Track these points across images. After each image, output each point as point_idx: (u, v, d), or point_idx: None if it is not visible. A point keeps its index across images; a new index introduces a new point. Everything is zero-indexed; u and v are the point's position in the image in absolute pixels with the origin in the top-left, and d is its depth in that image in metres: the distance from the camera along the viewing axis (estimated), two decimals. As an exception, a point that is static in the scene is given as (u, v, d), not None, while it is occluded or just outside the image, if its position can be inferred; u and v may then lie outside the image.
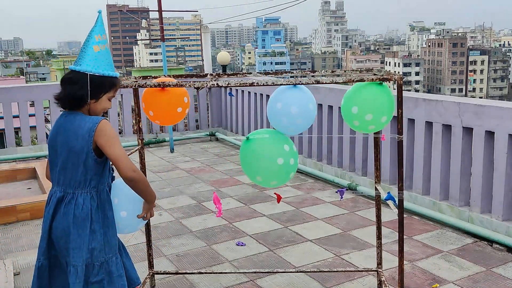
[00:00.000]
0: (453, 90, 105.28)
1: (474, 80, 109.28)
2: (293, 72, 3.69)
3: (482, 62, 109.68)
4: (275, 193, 3.31)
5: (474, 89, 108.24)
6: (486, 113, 4.63)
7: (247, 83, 3.06)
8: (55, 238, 2.48)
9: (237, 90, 8.85)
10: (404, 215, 3.24)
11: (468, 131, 4.85)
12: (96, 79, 2.40)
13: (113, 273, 2.50)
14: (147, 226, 3.78)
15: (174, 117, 3.33)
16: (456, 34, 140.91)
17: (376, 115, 3.04)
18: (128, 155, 3.51)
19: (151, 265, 3.82)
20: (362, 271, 3.96)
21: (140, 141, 3.64)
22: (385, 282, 3.51)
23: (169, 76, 3.47)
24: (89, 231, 2.43)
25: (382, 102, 3.02)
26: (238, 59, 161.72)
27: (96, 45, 2.43)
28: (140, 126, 3.59)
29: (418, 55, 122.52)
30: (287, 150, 3.04)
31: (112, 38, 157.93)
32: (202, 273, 4.02)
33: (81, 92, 2.38)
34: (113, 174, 2.60)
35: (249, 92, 8.50)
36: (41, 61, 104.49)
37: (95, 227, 2.45)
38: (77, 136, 2.37)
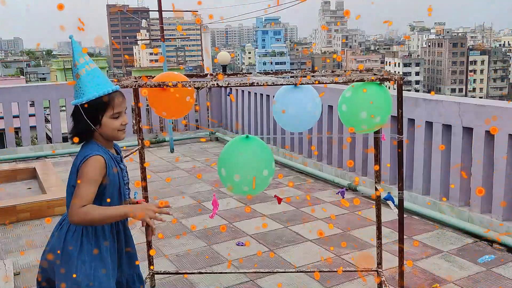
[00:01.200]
0: (453, 90, 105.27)
1: (474, 80, 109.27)
2: (293, 72, 3.68)
3: (482, 62, 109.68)
4: (275, 196, 3.29)
5: (474, 89, 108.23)
6: (486, 113, 4.63)
7: (247, 83, 3.06)
8: (47, 260, 2.37)
9: (237, 90, 8.86)
10: (404, 215, 3.23)
11: (468, 131, 4.85)
12: (89, 106, 2.30)
13: None
14: (147, 226, 3.78)
15: (185, 107, 3.31)
16: (456, 34, 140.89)
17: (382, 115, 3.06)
18: (128, 155, 3.52)
19: (151, 265, 3.82)
20: (362, 271, 3.96)
21: (140, 141, 3.63)
22: (385, 282, 3.51)
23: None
24: (77, 260, 2.29)
25: (383, 102, 3.03)
26: (238, 59, 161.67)
27: (76, 73, 2.33)
28: (140, 126, 3.59)
29: (418, 55, 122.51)
30: (265, 174, 3.02)
31: (112, 38, 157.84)
32: (202, 273, 4.02)
33: (80, 126, 2.32)
34: (127, 193, 2.50)
35: (249, 92, 8.50)
36: (41, 61, 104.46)
37: (85, 258, 2.30)
38: (73, 165, 2.33)
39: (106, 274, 2.34)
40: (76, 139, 2.35)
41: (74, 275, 2.27)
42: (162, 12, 8.62)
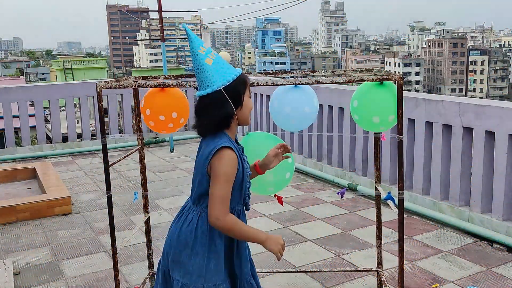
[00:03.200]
0: (453, 90, 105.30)
1: (474, 80, 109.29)
2: (293, 72, 3.68)
3: (482, 62, 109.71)
4: (275, 195, 3.28)
5: (474, 89, 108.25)
6: (486, 113, 4.63)
7: (247, 83, 3.05)
8: (167, 244, 2.40)
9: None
10: (404, 215, 3.23)
11: (468, 131, 4.85)
12: (230, 88, 2.27)
13: None
14: (147, 226, 3.78)
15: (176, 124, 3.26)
16: (456, 34, 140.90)
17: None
18: (128, 155, 3.52)
19: (151, 265, 3.82)
20: (362, 271, 3.96)
21: (140, 141, 3.63)
22: (385, 282, 3.50)
23: (169, 76, 3.46)
24: (191, 251, 2.30)
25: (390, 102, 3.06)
26: (238, 59, 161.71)
27: (206, 58, 2.32)
28: (140, 126, 3.59)
29: (418, 55, 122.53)
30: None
31: (112, 38, 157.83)
32: (202, 273, 4.01)
33: (223, 110, 2.26)
34: (247, 201, 2.45)
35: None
36: (41, 61, 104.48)
37: (198, 250, 2.29)
38: (202, 154, 2.31)
39: (219, 268, 2.32)
40: (208, 131, 2.31)
41: (187, 265, 2.29)
42: (162, 12, 8.62)
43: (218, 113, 2.27)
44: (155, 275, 3.86)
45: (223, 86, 2.26)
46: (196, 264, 2.29)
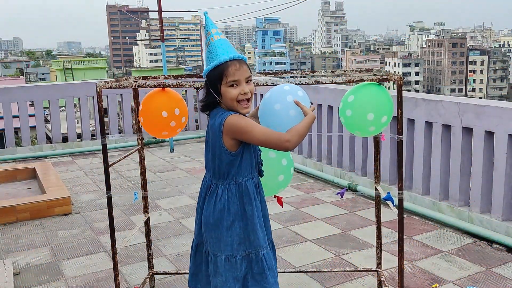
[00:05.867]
0: (453, 90, 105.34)
1: (474, 80, 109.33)
2: (293, 72, 3.68)
3: (482, 62, 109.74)
4: (275, 196, 3.27)
5: (474, 89, 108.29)
6: (486, 113, 4.63)
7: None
8: (203, 224, 2.52)
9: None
10: (404, 215, 3.24)
11: (468, 131, 4.85)
12: (210, 77, 2.39)
13: (254, 268, 2.47)
14: (147, 226, 3.79)
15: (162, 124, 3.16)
16: (456, 34, 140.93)
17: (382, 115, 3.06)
18: (128, 155, 3.52)
19: (150, 265, 3.82)
20: (362, 271, 3.96)
21: (140, 141, 3.64)
22: (385, 282, 3.51)
23: (169, 76, 3.47)
24: (226, 223, 2.43)
25: (385, 102, 3.03)
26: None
27: (208, 42, 2.43)
28: (140, 126, 3.59)
29: (418, 55, 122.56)
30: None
31: (112, 38, 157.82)
32: (202, 273, 4.02)
33: (206, 97, 2.42)
34: (261, 168, 2.60)
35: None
36: (41, 61, 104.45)
37: (234, 220, 2.43)
38: (214, 131, 2.41)
39: (256, 233, 2.47)
40: (204, 109, 2.47)
41: (225, 237, 2.43)
42: (162, 12, 8.62)
43: (204, 98, 2.44)
44: (154, 275, 3.87)
45: (205, 74, 2.42)
46: (234, 234, 2.43)
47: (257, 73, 3.63)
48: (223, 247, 2.44)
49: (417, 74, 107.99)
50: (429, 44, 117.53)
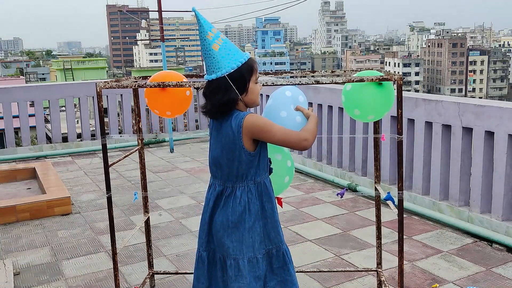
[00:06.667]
0: (452, 90, 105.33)
1: (474, 80, 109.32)
2: (293, 72, 3.68)
3: (482, 62, 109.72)
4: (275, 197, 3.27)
5: (474, 89, 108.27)
6: (486, 113, 4.63)
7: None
8: (214, 232, 2.50)
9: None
10: (404, 215, 3.24)
11: (468, 131, 4.85)
12: (235, 74, 2.36)
13: (274, 263, 2.50)
14: (147, 226, 3.79)
15: (186, 101, 3.29)
16: (456, 34, 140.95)
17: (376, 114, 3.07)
18: (128, 155, 3.52)
19: (150, 265, 3.82)
20: (362, 271, 3.96)
21: (140, 141, 3.64)
22: (385, 282, 3.51)
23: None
24: (248, 224, 2.43)
25: (381, 102, 3.05)
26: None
27: (213, 44, 2.37)
28: (140, 126, 3.59)
29: (418, 55, 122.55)
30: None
31: (112, 38, 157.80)
32: (202, 273, 4.01)
33: (227, 96, 2.35)
34: (271, 166, 2.62)
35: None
36: (41, 61, 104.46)
37: (255, 220, 2.45)
38: (230, 133, 2.38)
39: (276, 231, 2.53)
40: (215, 114, 2.42)
41: (246, 239, 2.44)
42: (162, 12, 8.62)
43: (222, 97, 2.36)
44: (154, 275, 3.87)
45: (227, 73, 2.35)
46: (255, 234, 2.45)
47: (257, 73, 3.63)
48: (245, 249, 2.44)
49: (417, 74, 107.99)
50: (429, 44, 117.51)
